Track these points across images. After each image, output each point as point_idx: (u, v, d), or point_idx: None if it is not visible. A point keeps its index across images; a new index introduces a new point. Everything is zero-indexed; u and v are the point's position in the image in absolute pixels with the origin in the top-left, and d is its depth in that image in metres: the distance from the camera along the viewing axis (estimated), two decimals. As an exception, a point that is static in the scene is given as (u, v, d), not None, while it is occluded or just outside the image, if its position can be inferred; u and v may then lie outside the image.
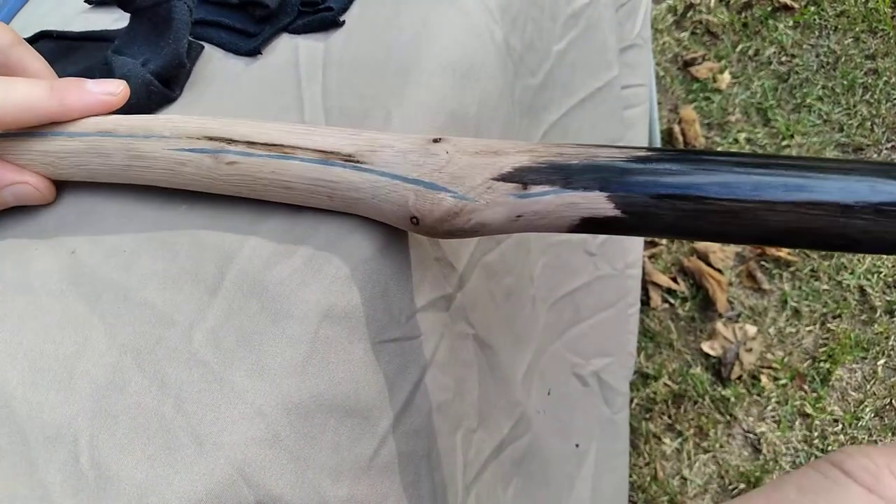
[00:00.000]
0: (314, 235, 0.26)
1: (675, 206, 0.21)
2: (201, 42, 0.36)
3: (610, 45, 0.51)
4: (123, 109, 0.29)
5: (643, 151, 0.22)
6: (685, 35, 1.28)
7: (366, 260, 0.26)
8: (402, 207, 0.24)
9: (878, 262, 1.01)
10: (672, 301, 1.05)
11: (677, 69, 1.26)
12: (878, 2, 1.21)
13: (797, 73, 1.19)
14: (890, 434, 0.89)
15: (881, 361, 0.95)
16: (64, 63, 0.36)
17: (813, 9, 1.24)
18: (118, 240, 0.28)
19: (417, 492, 0.29)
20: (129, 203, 0.29)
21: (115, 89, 0.29)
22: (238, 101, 0.33)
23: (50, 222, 0.29)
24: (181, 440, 0.22)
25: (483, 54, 0.34)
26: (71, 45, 0.39)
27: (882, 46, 1.18)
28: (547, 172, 0.23)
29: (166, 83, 0.33)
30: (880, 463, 0.15)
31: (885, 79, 1.15)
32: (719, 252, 1.05)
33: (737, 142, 1.15)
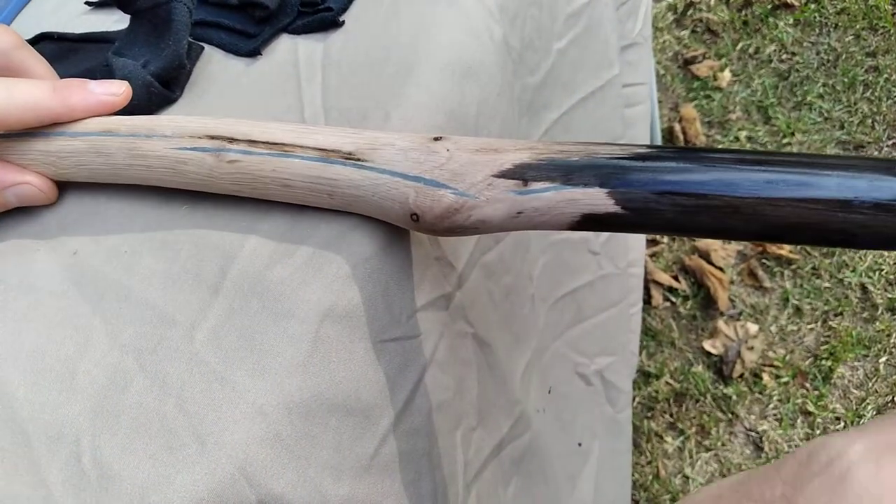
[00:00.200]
0: (315, 235, 0.26)
1: (675, 202, 0.21)
2: (201, 43, 0.36)
3: (611, 44, 0.51)
4: (124, 110, 0.29)
5: (643, 149, 0.23)
6: (685, 33, 1.28)
7: (366, 259, 0.26)
8: (402, 205, 0.24)
9: (880, 260, 1.01)
10: (673, 299, 1.05)
11: (678, 67, 1.26)
12: (878, -1, 1.21)
13: (798, 70, 1.19)
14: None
15: (883, 359, 0.95)
16: (65, 64, 0.36)
17: (813, 6, 1.24)
18: (120, 240, 0.28)
19: (418, 491, 0.29)
20: (130, 203, 0.29)
21: (117, 90, 0.29)
22: (238, 101, 0.33)
23: (52, 223, 0.29)
24: (183, 439, 0.22)
25: (482, 54, 0.34)
26: (71, 47, 0.39)
27: (883, 44, 1.18)
28: (547, 169, 0.23)
29: (167, 84, 0.33)
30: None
31: (885, 76, 1.14)
32: (720, 250, 1.05)
33: (737, 140, 1.15)
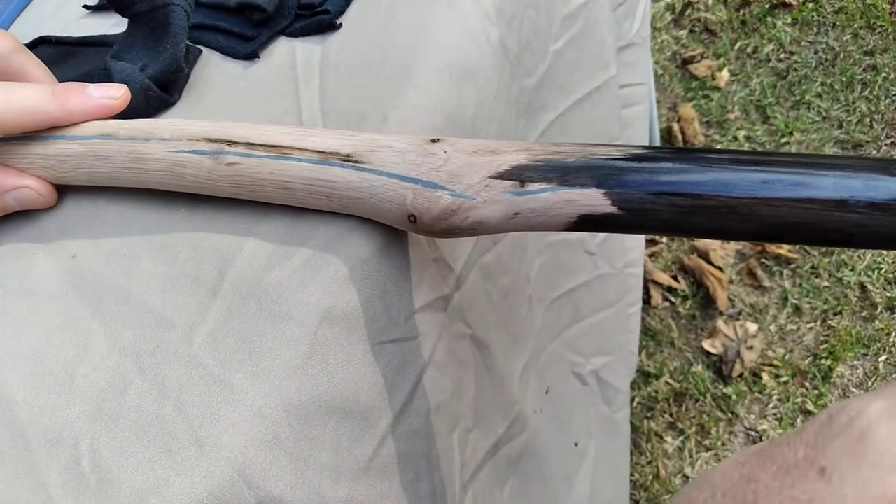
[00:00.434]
0: (313, 237, 0.26)
1: (672, 203, 0.21)
2: (199, 46, 0.36)
3: (608, 45, 0.51)
4: (122, 114, 0.29)
5: (639, 149, 0.23)
6: (683, 33, 1.28)
7: (365, 261, 0.26)
8: (400, 206, 0.24)
9: (879, 259, 1.01)
10: (673, 299, 1.05)
11: (676, 67, 1.26)
12: (875, -2, 1.21)
13: (796, 70, 1.19)
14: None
15: (882, 358, 0.95)
16: (63, 68, 0.36)
17: (811, 5, 1.24)
18: (119, 243, 0.28)
19: (416, 492, 0.29)
20: (129, 207, 0.29)
21: (116, 93, 0.29)
22: (236, 104, 0.33)
23: (51, 226, 0.29)
24: (182, 442, 0.22)
25: (479, 56, 0.34)
26: (70, 51, 0.39)
27: (881, 43, 1.18)
28: (544, 170, 0.23)
29: (164, 88, 0.33)
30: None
31: (883, 75, 1.15)
32: (720, 250, 1.05)
33: (736, 139, 1.15)
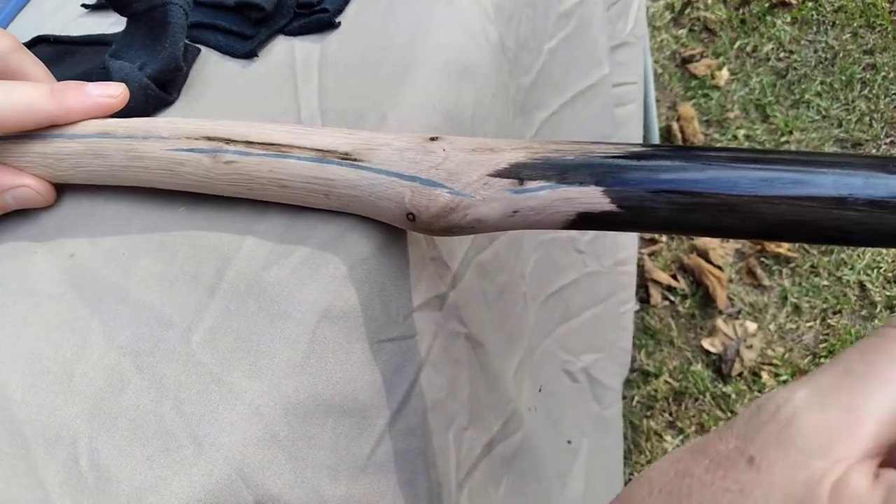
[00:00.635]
0: (312, 235, 0.26)
1: (671, 200, 0.21)
2: (198, 45, 0.36)
3: (601, 44, 0.51)
4: (121, 113, 0.29)
5: (638, 147, 0.23)
6: (683, 32, 1.28)
7: (363, 259, 0.26)
8: (398, 204, 0.24)
9: (878, 258, 1.01)
10: (672, 298, 1.05)
11: (675, 66, 1.26)
12: (875, -3, 1.21)
13: (795, 69, 1.19)
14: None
15: (882, 356, 0.95)
16: (61, 67, 0.36)
17: (811, 4, 1.24)
18: (117, 242, 0.28)
19: (414, 490, 0.29)
20: (127, 205, 0.29)
21: (114, 92, 0.29)
22: (235, 103, 0.33)
23: (50, 225, 0.29)
24: (180, 441, 0.22)
25: (478, 54, 0.34)
26: (68, 50, 0.39)
27: (880, 41, 1.18)
28: (542, 168, 0.23)
29: (163, 87, 0.33)
30: None
31: (883, 74, 1.15)
32: (719, 249, 1.05)
33: (735, 138, 1.15)
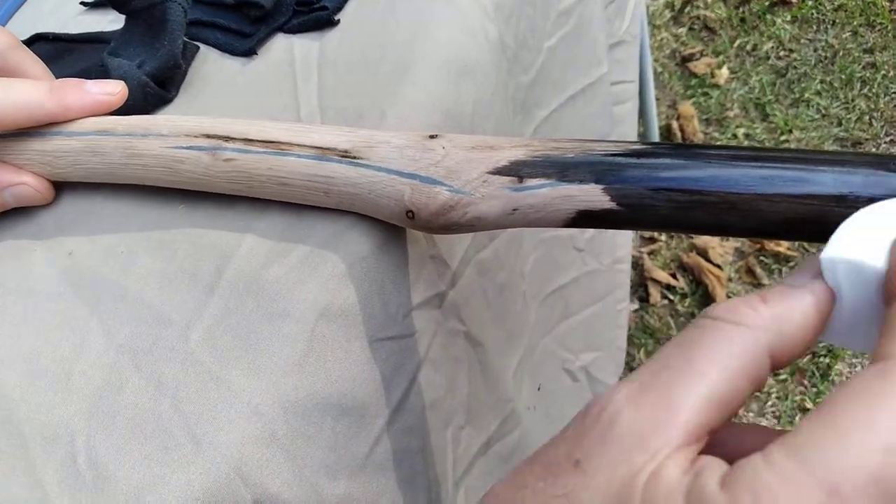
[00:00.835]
0: (311, 234, 0.26)
1: (671, 198, 0.21)
2: (197, 43, 0.36)
3: (599, 42, 0.51)
4: (120, 111, 0.29)
5: (638, 145, 0.22)
6: (683, 31, 1.28)
7: (363, 258, 0.26)
8: (398, 202, 0.24)
9: (879, 256, 1.01)
10: (671, 297, 1.04)
11: (675, 65, 1.26)
12: (875, -4, 1.21)
13: (795, 67, 1.19)
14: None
15: (882, 355, 0.94)
16: (60, 65, 0.36)
17: (811, 3, 1.24)
18: (116, 240, 0.28)
19: (412, 488, 0.29)
20: (126, 203, 0.29)
21: (113, 89, 0.29)
22: (234, 101, 0.33)
23: (48, 223, 0.29)
24: (178, 439, 0.22)
25: (478, 52, 0.34)
26: (67, 48, 0.39)
27: (880, 40, 1.18)
28: (542, 166, 0.23)
29: (162, 84, 0.33)
30: (741, 300, 0.17)
31: (883, 73, 1.14)
32: (718, 248, 1.05)
33: (735, 137, 1.15)
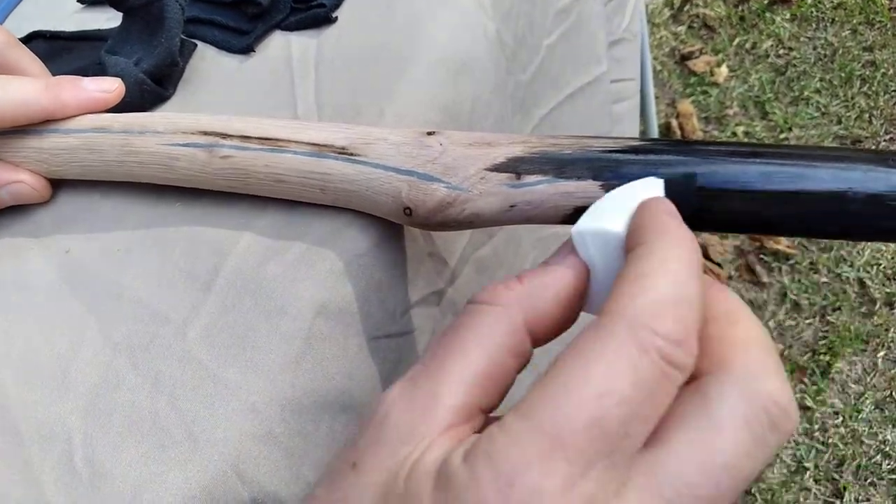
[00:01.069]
0: (308, 231, 0.26)
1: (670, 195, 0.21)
2: (194, 40, 0.36)
3: (599, 40, 0.51)
4: (117, 108, 0.29)
5: (637, 142, 0.22)
6: (682, 29, 1.28)
7: (360, 255, 0.26)
8: (395, 199, 0.24)
9: (878, 255, 1.01)
10: (672, 296, 1.04)
11: (674, 63, 1.25)
12: (874, -7, 1.20)
13: (795, 65, 1.19)
14: (890, 426, 0.89)
15: (881, 353, 0.95)
16: (57, 63, 0.36)
17: (810, 1, 1.24)
18: (113, 238, 0.28)
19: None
20: (123, 201, 0.29)
21: (110, 87, 0.29)
22: (231, 98, 0.33)
23: (45, 221, 0.29)
24: (175, 437, 0.22)
25: (476, 50, 0.34)
26: (64, 45, 0.38)
27: (879, 38, 1.18)
28: (540, 162, 0.23)
29: (159, 82, 0.33)
30: (500, 282, 0.18)
31: (882, 71, 1.14)
32: (718, 245, 1.05)
33: (735, 135, 1.15)
